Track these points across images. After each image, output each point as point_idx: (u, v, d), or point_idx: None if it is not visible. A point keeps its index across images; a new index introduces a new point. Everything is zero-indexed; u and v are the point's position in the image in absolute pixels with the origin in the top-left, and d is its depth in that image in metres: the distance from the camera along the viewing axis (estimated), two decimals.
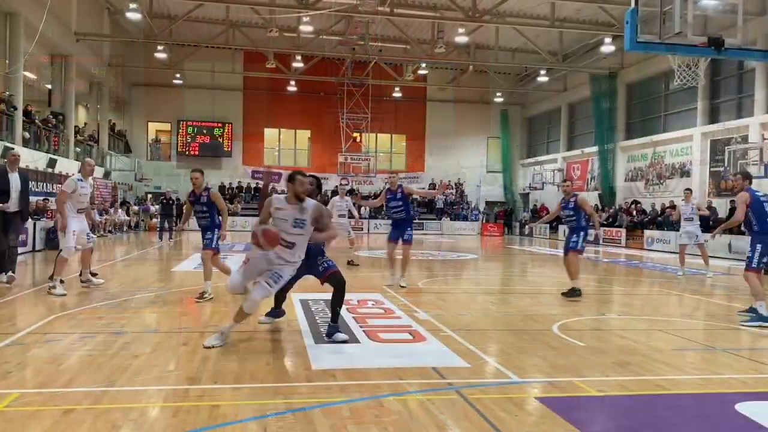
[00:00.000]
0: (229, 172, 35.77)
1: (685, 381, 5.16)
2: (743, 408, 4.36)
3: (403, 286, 10.27)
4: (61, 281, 9.02)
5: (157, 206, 28.22)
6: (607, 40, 24.42)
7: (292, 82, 33.97)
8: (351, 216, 14.64)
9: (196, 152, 35.11)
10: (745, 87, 22.05)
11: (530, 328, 7.31)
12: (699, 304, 9.95)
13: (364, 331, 6.72)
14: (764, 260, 7.11)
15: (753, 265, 7.58)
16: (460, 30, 24.83)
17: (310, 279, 10.10)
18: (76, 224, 9.08)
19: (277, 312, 7.10)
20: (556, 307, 8.85)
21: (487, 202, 37.86)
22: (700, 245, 13.95)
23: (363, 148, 36.44)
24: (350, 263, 14.02)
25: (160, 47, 28.18)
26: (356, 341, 6.25)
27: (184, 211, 10.02)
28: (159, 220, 24.55)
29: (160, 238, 22.87)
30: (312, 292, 9.46)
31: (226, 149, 35.59)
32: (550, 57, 28.32)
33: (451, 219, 34.57)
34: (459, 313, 8.16)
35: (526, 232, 31.85)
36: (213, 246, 8.78)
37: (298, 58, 30.47)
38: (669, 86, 25.45)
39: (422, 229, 33.21)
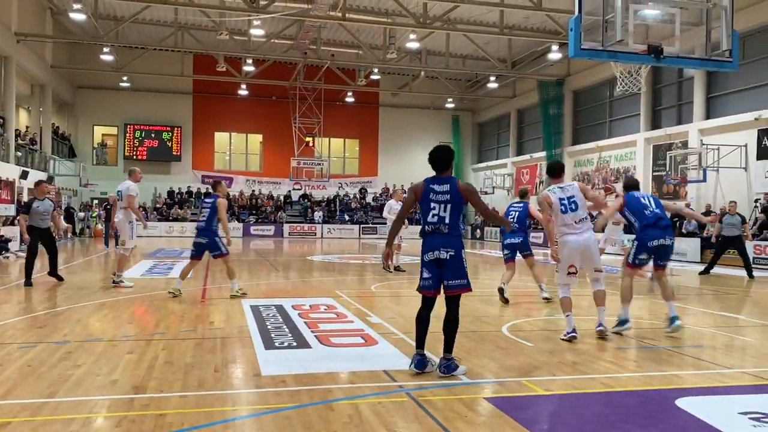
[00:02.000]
0: (179, 177, 35.09)
1: (629, 378, 5.31)
2: (683, 403, 4.51)
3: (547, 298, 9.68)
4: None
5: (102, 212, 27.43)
6: (554, 47, 25.01)
7: (243, 86, 33.60)
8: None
9: (144, 157, 34.34)
10: (685, 94, 22.92)
11: (480, 329, 7.40)
12: (643, 303, 10.24)
13: (315, 336, 6.68)
14: (640, 257, 7.25)
15: (629, 261, 7.59)
16: (412, 36, 25.04)
17: (262, 286, 10.00)
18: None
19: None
20: (506, 309, 8.98)
21: None
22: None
23: (316, 152, 36.32)
24: (397, 269, 13.75)
25: (106, 49, 27.49)
26: (307, 346, 6.20)
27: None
28: (104, 226, 23.84)
29: (106, 244, 22.22)
30: (263, 298, 9.36)
31: (175, 153, 34.91)
32: (499, 64, 28.83)
33: (410, 223, 34.79)
34: (411, 316, 8.18)
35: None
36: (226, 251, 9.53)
37: (249, 61, 30.17)
38: (613, 93, 26.21)
39: (376, 234, 33.28)
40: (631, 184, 7.61)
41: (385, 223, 14.98)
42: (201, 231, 9.50)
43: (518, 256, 9.88)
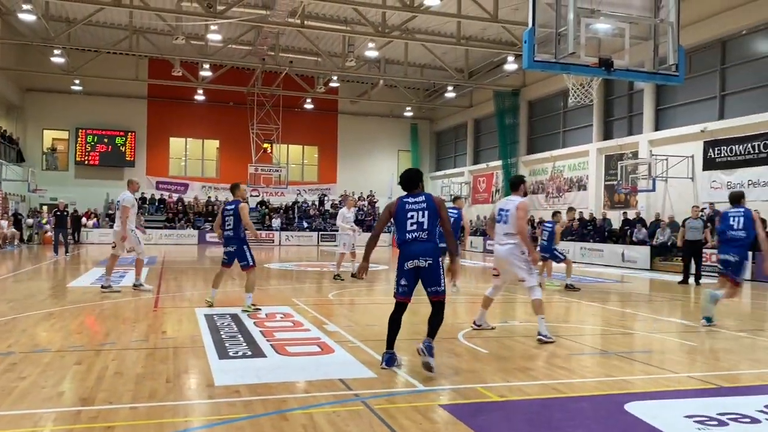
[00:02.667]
0: None
1: (580, 384, 5.41)
2: (632, 408, 4.63)
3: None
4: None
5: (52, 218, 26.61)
6: (510, 58, 25.45)
7: (200, 91, 33.14)
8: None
9: (97, 162, 33.50)
10: (635, 106, 23.62)
11: (437, 336, 7.43)
12: (595, 310, 10.48)
13: (271, 345, 6.61)
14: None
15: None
16: (371, 45, 25.13)
17: (217, 294, 9.85)
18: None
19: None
20: (462, 316, 9.06)
21: None
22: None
23: (274, 159, 36.05)
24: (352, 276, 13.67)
25: (57, 51, 26.75)
26: (262, 355, 6.14)
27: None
28: (53, 233, 23.13)
29: (56, 252, 21.57)
30: (218, 307, 9.22)
31: (128, 159, 34.15)
32: (456, 74, 29.18)
33: (363, 231, 34.70)
34: (368, 324, 8.20)
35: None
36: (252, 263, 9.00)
37: (206, 66, 29.80)
38: (567, 104, 26.85)
39: (335, 241, 33.13)
40: (732, 198, 8.31)
41: (338, 231, 14.89)
42: (229, 239, 8.90)
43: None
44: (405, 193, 5.75)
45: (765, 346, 7.50)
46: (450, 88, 32.27)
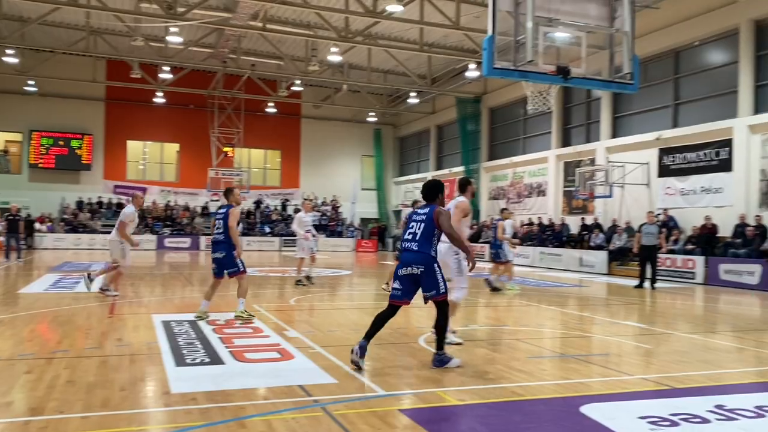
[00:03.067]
0: (89, 187, 33.50)
1: (538, 387, 5.49)
2: (587, 410, 4.71)
3: None
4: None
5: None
6: (472, 66, 25.71)
7: (160, 94, 32.56)
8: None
9: (52, 165, 32.57)
10: (593, 114, 24.12)
11: (398, 341, 7.46)
12: (554, 314, 10.64)
13: (229, 351, 6.52)
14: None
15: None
16: (334, 49, 25.11)
17: (175, 300, 9.69)
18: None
19: None
20: (424, 320, 9.08)
21: (361, 219, 38.33)
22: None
23: (235, 163, 35.64)
24: (308, 279, 13.99)
25: (10, 51, 25.96)
26: (220, 362, 6.04)
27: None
28: (5, 238, 22.39)
29: (7, 257, 20.90)
30: (176, 313, 9.06)
31: (85, 162, 33.30)
32: (419, 80, 29.35)
33: (326, 236, 34.56)
34: (329, 330, 8.16)
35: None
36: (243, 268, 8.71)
37: (166, 68, 29.29)
38: (527, 111, 27.28)
39: (297, 246, 32.91)
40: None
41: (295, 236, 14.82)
42: (217, 244, 8.55)
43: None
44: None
45: (716, 347, 7.72)
46: (413, 94, 32.44)
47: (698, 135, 19.23)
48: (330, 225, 35.85)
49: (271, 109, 35.34)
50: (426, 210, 6.07)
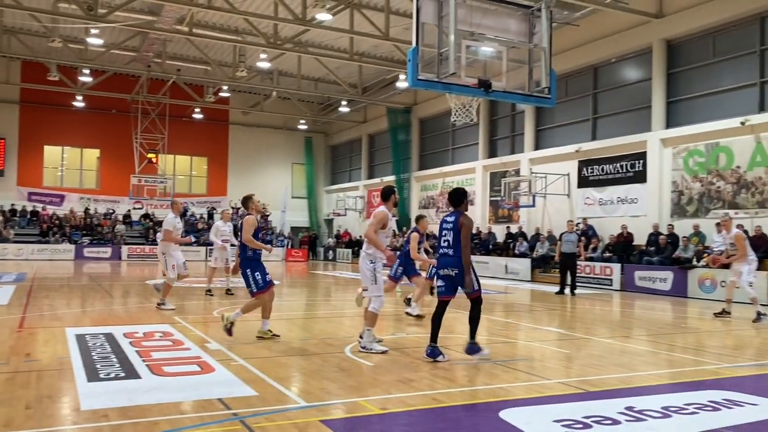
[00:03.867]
0: (2, 194, 31.69)
1: (460, 393, 5.56)
2: (506, 414, 4.81)
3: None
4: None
5: None
6: (402, 76, 26.00)
7: (79, 97, 31.28)
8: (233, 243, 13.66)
9: None
10: (518, 126, 24.87)
11: (324, 351, 7.40)
12: (481, 321, 10.81)
13: (147, 365, 6.28)
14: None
15: None
16: (263, 55, 24.84)
17: (92, 313, 9.25)
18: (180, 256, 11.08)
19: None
20: (352, 330, 9.06)
21: (292, 228, 37.96)
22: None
23: (160, 170, 34.58)
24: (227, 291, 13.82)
25: None
26: (136, 377, 5.82)
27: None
28: None
29: None
30: (91, 326, 8.68)
31: None
32: (350, 89, 29.43)
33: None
34: (253, 341, 8.01)
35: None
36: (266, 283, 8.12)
37: (86, 71, 28.18)
38: (454, 123, 27.80)
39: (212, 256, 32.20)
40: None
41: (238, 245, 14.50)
42: (241, 260, 8.14)
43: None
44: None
45: (631, 351, 8.06)
46: (344, 102, 32.50)
47: (615, 148, 20.14)
48: (260, 234, 35.24)
49: (197, 115, 34.58)
50: (452, 218, 6.83)
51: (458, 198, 7.00)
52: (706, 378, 6.45)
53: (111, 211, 33.59)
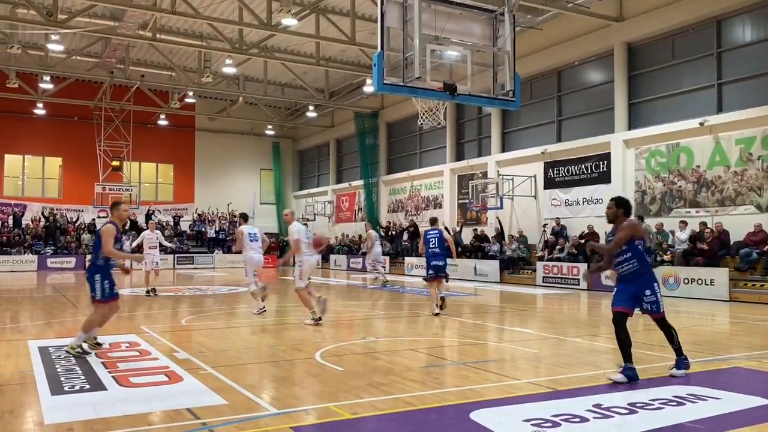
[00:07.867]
0: None
1: (430, 396, 5.58)
2: (476, 416, 4.84)
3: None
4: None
5: None
6: (369, 81, 25.98)
7: (40, 105, 30.59)
8: (162, 248, 16.37)
9: None
10: (484, 129, 25.10)
11: (294, 357, 7.37)
12: (451, 323, 10.89)
13: (113, 376, 6.16)
14: None
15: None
16: (228, 61, 24.63)
17: (55, 325, 9.00)
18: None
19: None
20: (322, 335, 9.03)
21: None
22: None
23: (124, 177, 33.98)
24: (151, 292, 15.27)
25: None
26: (102, 389, 5.70)
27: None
28: None
29: None
30: (55, 338, 8.48)
31: None
32: (317, 94, 29.37)
33: (224, 252, 33.60)
34: (222, 350, 7.92)
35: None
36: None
37: (47, 78, 27.57)
38: (421, 126, 27.93)
39: (192, 264, 31.85)
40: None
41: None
42: (92, 262, 7.94)
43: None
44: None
45: (598, 350, 8.19)
46: (311, 107, 32.39)
47: (580, 149, 20.47)
48: (227, 240, 34.90)
49: (162, 122, 34.09)
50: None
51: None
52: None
53: (76, 217, 32.90)
